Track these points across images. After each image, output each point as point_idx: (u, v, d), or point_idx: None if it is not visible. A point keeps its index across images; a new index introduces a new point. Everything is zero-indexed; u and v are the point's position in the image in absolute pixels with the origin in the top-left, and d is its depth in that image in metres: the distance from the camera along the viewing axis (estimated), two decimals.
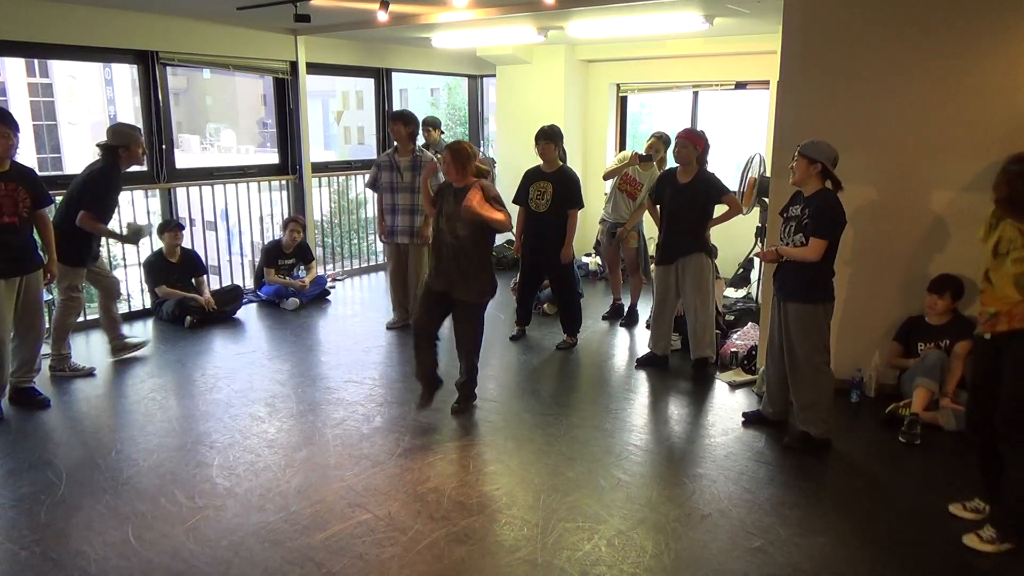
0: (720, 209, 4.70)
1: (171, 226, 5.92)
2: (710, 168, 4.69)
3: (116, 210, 4.82)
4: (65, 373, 4.68)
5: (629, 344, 5.53)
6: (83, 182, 4.55)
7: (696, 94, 7.69)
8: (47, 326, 4.52)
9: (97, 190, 4.51)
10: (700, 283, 4.66)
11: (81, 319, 5.79)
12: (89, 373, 4.74)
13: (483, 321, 4.15)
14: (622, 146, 8.30)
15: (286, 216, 7.00)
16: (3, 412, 4.06)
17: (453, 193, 3.94)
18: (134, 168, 4.98)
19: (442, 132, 7.33)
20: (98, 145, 4.64)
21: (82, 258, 4.61)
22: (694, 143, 4.55)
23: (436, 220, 4.03)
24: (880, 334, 4.39)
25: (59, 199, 4.69)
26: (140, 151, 4.68)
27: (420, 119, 5.88)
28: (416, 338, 4.13)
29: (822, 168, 3.53)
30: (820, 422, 3.72)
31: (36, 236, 4.20)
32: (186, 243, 6.11)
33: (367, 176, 5.90)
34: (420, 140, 5.79)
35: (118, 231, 4.99)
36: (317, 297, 6.66)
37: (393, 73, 8.11)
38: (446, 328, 4.27)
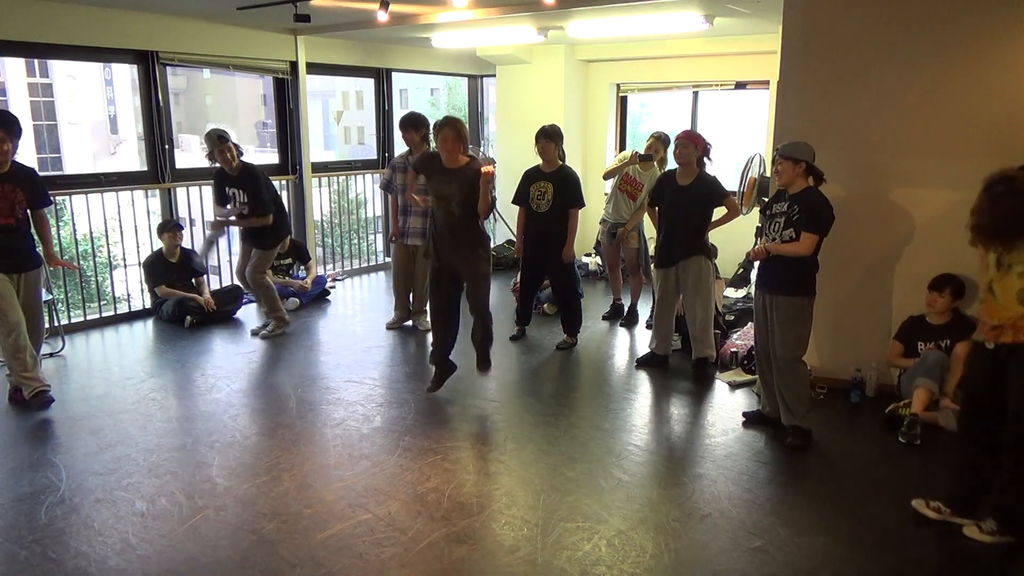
0: (720, 212, 4.70)
1: (170, 226, 5.92)
2: (710, 168, 4.69)
3: (227, 204, 5.39)
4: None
5: (629, 344, 5.53)
6: None
7: (696, 94, 7.69)
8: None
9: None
10: (700, 285, 4.66)
11: (95, 317, 5.81)
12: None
13: (490, 282, 4.27)
14: (622, 146, 8.30)
15: None
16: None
17: (440, 173, 4.02)
18: (134, 168, 5.01)
19: None
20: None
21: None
22: (694, 143, 4.55)
23: (430, 199, 4.14)
24: (880, 334, 4.38)
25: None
26: (224, 155, 5.14)
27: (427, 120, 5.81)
28: (433, 322, 4.34)
29: (807, 166, 3.62)
30: (807, 412, 3.80)
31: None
32: (186, 243, 6.11)
33: (381, 178, 5.90)
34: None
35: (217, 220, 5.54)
36: (317, 297, 6.66)
37: (393, 73, 8.10)
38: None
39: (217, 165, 5.27)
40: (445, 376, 4.39)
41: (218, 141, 5.14)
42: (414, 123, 5.42)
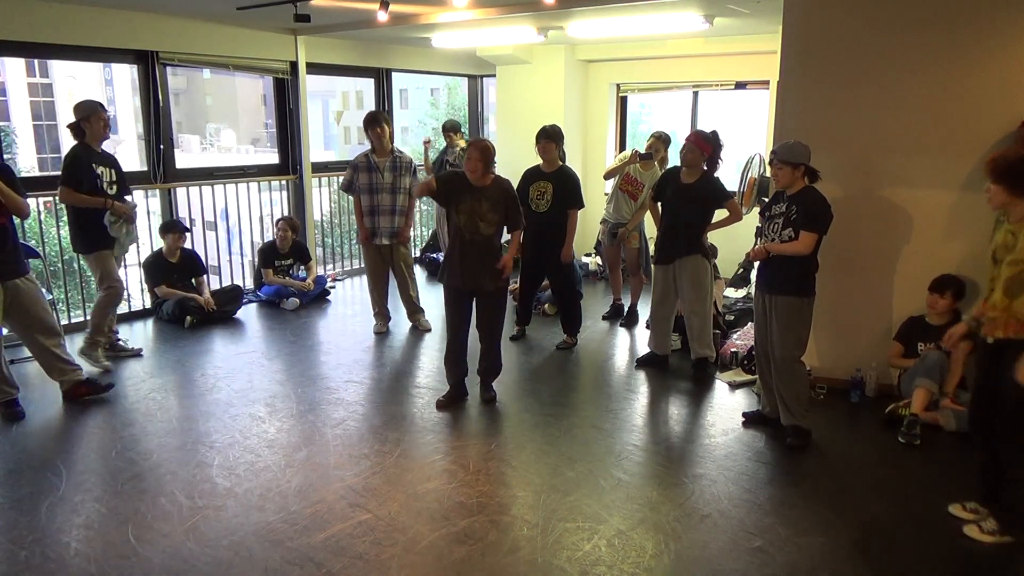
0: (720, 214, 4.69)
1: (177, 228, 5.90)
2: (719, 173, 4.67)
3: (100, 186, 4.58)
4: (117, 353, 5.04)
5: (629, 344, 5.53)
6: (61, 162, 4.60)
7: (696, 94, 7.69)
8: (59, 322, 4.48)
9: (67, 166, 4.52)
10: (698, 284, 4.66)
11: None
12: (137, 354, 5.11)
13: (506, 308, 4.30)
14: (622, 146, 8.30)
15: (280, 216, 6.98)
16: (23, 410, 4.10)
17: (470, 191, 4.00)
18: (134, 168, 4.89)
19: (464, 137, 7.29)
20: (69, 127, 4.62)
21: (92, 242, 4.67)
22: (701, 148, 4.53)
23: (453, 216, 4.05)
24: (880, 334, 4.38)
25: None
26: (99, 124, 4.55)
27: (418, 120, 5.81)
28: (451, 341, 4.22)
29: (804, 169, 3.65)
30: (806, 412, 3.81)
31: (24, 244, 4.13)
32: (186, 243, 6.10)
33: (342, 179, 5.67)
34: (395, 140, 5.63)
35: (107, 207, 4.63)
36: (317, 297, 6.66)
37: (393, 73, 8.11)
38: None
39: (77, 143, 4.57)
40: (459, 399, 4.30)
41: (99, 108, 4.58)
42: (387, 120, 5.52)
